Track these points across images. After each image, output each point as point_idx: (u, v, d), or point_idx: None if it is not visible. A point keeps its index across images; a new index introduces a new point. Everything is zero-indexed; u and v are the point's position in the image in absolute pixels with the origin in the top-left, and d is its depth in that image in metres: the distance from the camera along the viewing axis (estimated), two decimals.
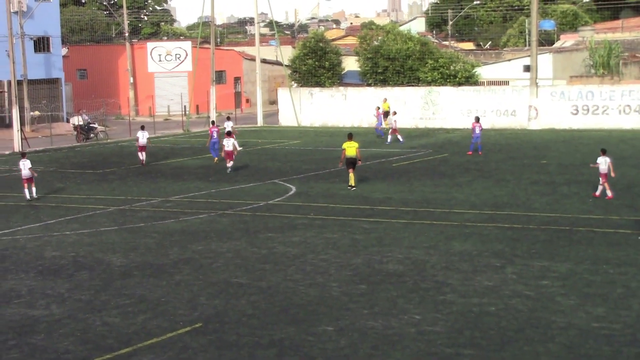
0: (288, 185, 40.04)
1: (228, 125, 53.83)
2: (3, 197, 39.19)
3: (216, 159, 48.48)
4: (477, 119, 50.61)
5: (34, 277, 24.48)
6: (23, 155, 39.74)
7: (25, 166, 37.98)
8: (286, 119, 75.08)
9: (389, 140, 57.34)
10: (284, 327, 19.25)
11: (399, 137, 57.70)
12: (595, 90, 63.46)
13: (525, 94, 64.91)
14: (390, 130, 58.29)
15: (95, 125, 67.71)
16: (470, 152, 49.50)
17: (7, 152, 58.91)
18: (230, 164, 44.82)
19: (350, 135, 39.41)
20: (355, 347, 17.94)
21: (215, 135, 49.06)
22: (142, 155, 49.52)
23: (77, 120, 68.05)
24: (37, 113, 76.26)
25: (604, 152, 34.62)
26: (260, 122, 76.02)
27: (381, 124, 62.17)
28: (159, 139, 66.67)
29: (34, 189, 38.27)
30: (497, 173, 42.01)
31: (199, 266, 25.14)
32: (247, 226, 30.79)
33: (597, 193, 34.27)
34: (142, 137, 49.77)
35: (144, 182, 42.67)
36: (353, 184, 38.30)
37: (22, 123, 63.86)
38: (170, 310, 20.84)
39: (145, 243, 28.48)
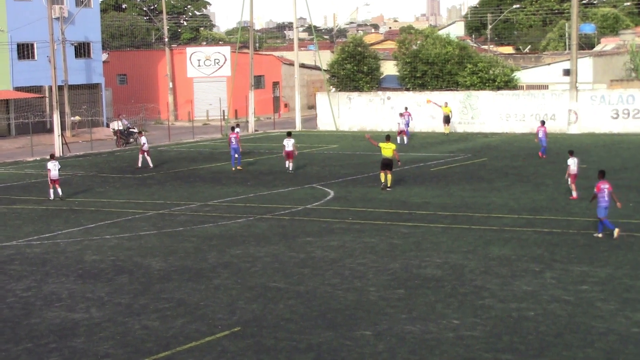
0: (326, 189, 40.08)
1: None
2: (44, 201, 39.54)
3: (234, 168, 48.57)
4: (543, 123, 50.23)
5: (74, 281, 24.70)
6: (52, 157, 40.81)
7: (55, 167, 39.43)
8: (324, 123, 75.10)
9: (405, 141, 58.79)
10: (321, 332, 19.28)
11: (405, 137, 58.90)
12: (636, 94, 62.87)
13: (565, 98, 64.48)
14: (401, 131, 58.89)
15: (135, 130, 68.07)
16: (543, 155, 48.96)
17: (47, 157, 59.31)
18: (290, 164, 46.38)
19: (388, 137, 40.05)
20: (393, 351, 17.94)
21: (234, 141, 48.89)
22: (141, 159, 51.29)
23: (116, 125, 68.64)
24: (77, 118, 76.88)
25: (571, 154, 36.28)
26: (298, 126, 76.09)
27: (408, 126, 62.26)
28: (197, 143, 67.06)
29: (59, 189, 39.72)
30: (536, 177, 41.80)
31: (237, 270, 25.23)
32: (285, 230, 30.87)
33: (574, 195, 35.49)
34: (144, 141, 51.87)
35: (183, 186, 42.88)
36: (389, 185, 38.83)
37: (62, 128, 64.43)
38: (209, 314, 20.94)
39: (184, 247, 28.63)
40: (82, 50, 79.76)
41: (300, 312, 20.81)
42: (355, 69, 76.74)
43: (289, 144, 46.21)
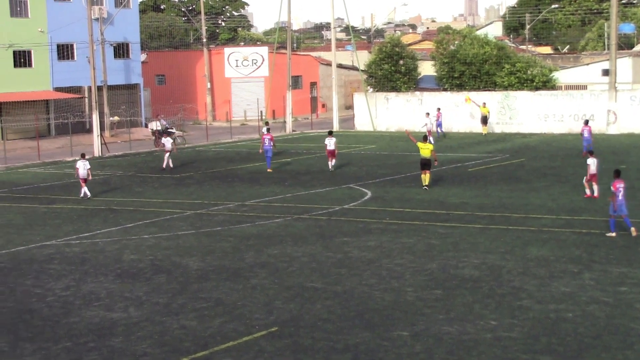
0: (363, 189, 40.06)
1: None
2: (83, 200, 39.81)
3: (269, 169, 48.47)
4: (586, 122, 50.03)
5: (112, 280, 24.86)
6: (83, 156, 41.24)
7: (84, 166, 40.21)
8: (362, 123, 75.09)
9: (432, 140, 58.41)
10: (359, 332, 19.28)
11: (430, 138, 58.43)
12: None
13: (604, 99, 64.02)
14: (429, 132, 58.66)
15: (173, 130, 68.38)
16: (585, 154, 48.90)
17: (87, 157, 59.67)
18: (333, 162, 46.97)
19: (425, 137, 40.22)
20: (430, 352, 17.90)
21: (267, 142, 48.77)
22: (170, 160, 51.46)
23: (155, 125, 68.92)
24: (116, 118, 77.38)
25: (592, 154, 36.62)
26: (336, 126, 76.06)
27: (440, 126, 62.91)
28: (235, 143, 67.26)
29: (85, 188, 40.38)
30: (574, 178, 41.49)
31: (274, 270, 25.28)
32: (323, 230, 30.89)
33: (596, 194, 35.74)
34: (168, 142, 51.90)
35: (221, 186, 43.02)
36: (427, 184, 38.94)
37: (101, 128, 64.88)
38: (247, 313, 21.00)
39: (221, 247, 28.73)
40: (121, 50, 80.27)
41: (337, 313, 20.83)
42: (392, 69, 76.61)
43: (330, 143, 46.62)
